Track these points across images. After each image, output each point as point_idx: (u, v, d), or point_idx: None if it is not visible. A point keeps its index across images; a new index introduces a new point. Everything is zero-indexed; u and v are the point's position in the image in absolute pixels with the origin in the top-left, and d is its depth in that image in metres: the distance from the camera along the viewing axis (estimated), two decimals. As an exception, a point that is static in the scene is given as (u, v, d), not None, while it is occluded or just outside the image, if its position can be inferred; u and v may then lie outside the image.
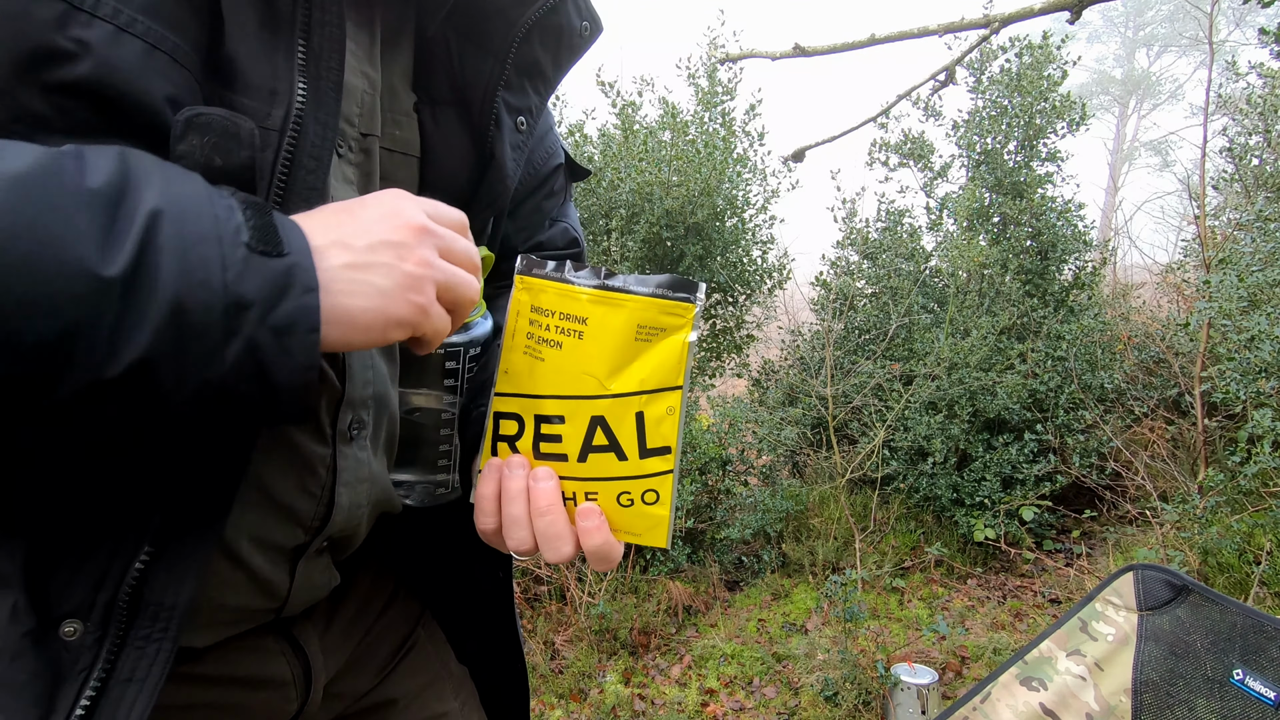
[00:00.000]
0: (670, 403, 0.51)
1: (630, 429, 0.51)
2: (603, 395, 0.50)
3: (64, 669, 0.42)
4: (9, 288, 0.33)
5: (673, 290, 0.50)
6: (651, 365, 0.50)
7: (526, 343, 0.52)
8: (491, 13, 0.63)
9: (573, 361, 0.51)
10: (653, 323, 0.50)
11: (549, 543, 0.51)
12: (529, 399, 0.52)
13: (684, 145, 4.14)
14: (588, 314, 0.50)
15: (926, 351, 4.09)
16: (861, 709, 2.53)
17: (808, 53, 3.21)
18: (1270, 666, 0.95)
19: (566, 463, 0.52)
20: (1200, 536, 2.83)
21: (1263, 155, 4.16)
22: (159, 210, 0.37)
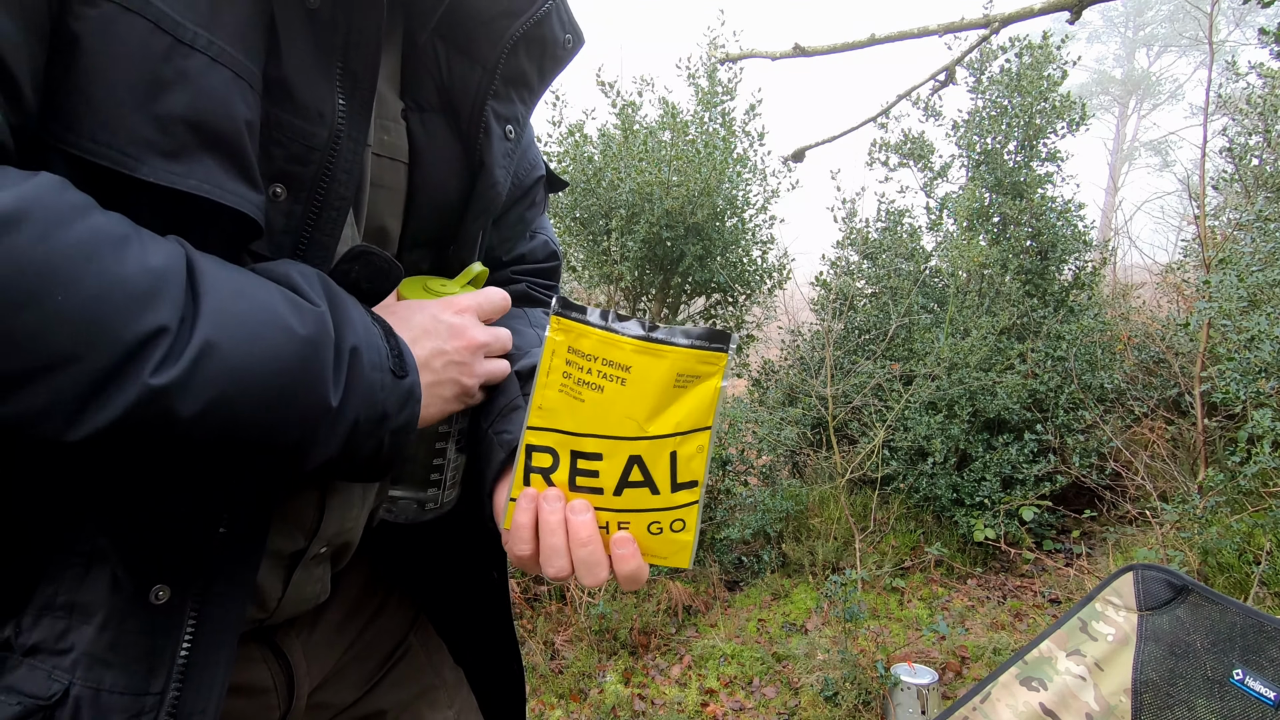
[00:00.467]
0: (701, 442, 0.55)
1: (665, 467, 0.55)
2: (642, 437, 0.54)
3: (159, 628, 0.48)
4: (274, 411, 0.44)
5: (710, 341, 0.54)
6: (687, 409, 0.55)
7: (563, 382, 0.55)
8: (480, 23, 0.64)
9: (614, 405, 0.54)
10: (690, 371, 0.54)
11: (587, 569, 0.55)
12: (566, 435, 0.55)
13: (684, 145, 4.14)
14: (631, 362, 0.54)
15: (926, 351, 4.09)
16: (861, 709, 2.53)
17: (808, 53, 3.20)
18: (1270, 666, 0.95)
19: (602, 495, 0.56)
20: (1200, 536, 2.83)
21: (1263, 155, 4.16)
22: (356, 347, 0.49)
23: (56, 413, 0.37)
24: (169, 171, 0.43)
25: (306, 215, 0.52)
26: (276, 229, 0.51)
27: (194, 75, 0.44)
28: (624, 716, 2.69)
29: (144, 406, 0.38)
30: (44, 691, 0.45)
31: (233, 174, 0.46)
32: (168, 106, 0.43)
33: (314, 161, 0.52)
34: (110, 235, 0.39)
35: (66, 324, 0.36)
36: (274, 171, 0.50)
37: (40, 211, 0.37)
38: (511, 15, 0.65)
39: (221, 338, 0.41)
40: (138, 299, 0.38)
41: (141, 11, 0.42)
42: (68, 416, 0.37)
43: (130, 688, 0.47)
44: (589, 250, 4.43)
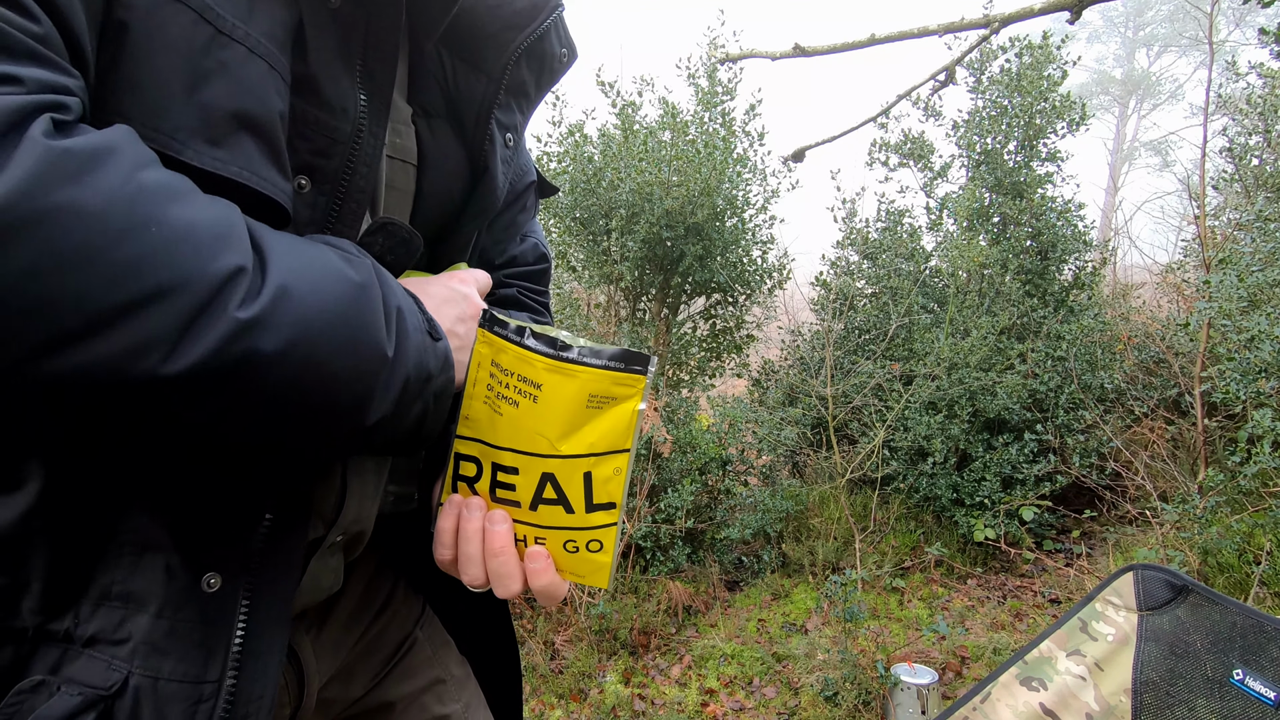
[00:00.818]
0: (618, 464, 0.55)
1: (578, 486, 0.55)
2: (553, 455, 0.54)
3: (213, 616, 0.49)
4: (341, 357, 0.44)
5: (626, 364, 0.53)
6: (601, 430, 0.54)
7: (487, 394, 0.56)
8: (486, 35, 0.67)
9: (527, 421, 0.54)
10: (604, 392, 0.53)
11: (499, 580, 0.57)
12: (487, 446, 0.57)
13: (684, 145, 4.14)
14: (543, 380, 0.54)
15: (926, 351, 4.09)
16: (861, 709, 2.53)
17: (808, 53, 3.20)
18: (1270, 666, 0.95)
19: (519, 509, 0.57)
20: (1200, 536, 2.82)
21: (1263, 155, 4.16)
22: (400, 307, 0.50)
23: (154, 348, 0.37)
24: (212, 157, 0.44)
25: (330, 207, 0.54)
26: (301, 220, 0.53)
27: (233, 66, 0.45)
28: (624, 716, 2.69)
29: (231, 342, 0.39)
30: (104, 682, 0.45)
31: (268, 162, 0.48)
32: (210, 95, 0.44)
33: (337, 154, 0.54)
34: (182, 183, 0.41)
35: (162, 256, 0.37)
36: (299, 164, 0.52)
37: (129, 150, 0.38)
38: (515, 29, 0.68)
39: (292, 281, 0.42)
40: (217, 239, 0.40)
41: (188, 2, 0.44)
42: (164, 351, 0.37)
43: (188, 675, 0.47)
44: (589, 250, 4.43)
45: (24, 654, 0.45)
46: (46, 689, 0.44)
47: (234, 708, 0.48)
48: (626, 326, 4.37)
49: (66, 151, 0.35)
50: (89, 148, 0.36)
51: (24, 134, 0.34)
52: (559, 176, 4.22)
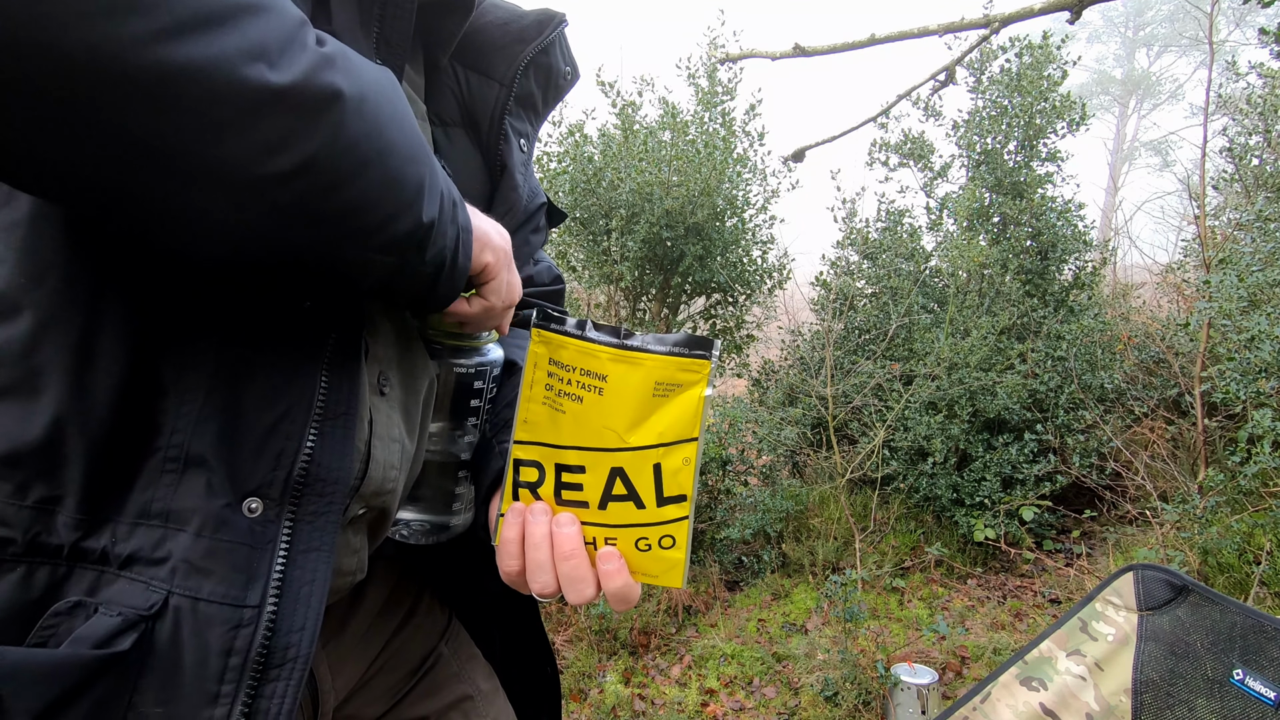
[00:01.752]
0: (686, 454, 0.53)
1: (648, 479, 0.53)
2: (622, 448, 0.53)
3: (254, 540, 0.48)
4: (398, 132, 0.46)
5: (689, 348, 0.52)
6: (669, 419, 0.53)
7: (545, 394, 0.55)
8: (495, 48, 0.73)
9: (593, 415, 0.53)
10: (670, 379, 0.52)
11: (572, 585, 0.54)
12: (550, 448, 0.55)
13: (684, 145, 4.14)
14: (607, 371, 0.52)
15: (926, 351, 4.09)
16: (861, 709, 2.53)
17: (808, 53, 3.20)
18: (1270, 666, 0.95)
19: (588, 509, 0.55)
20: (1200, 536, 2.82)
21: (1263, 155, 4.16)
22: (447, 186, 0.52)
23: (262, 54, 0.38)
24: None
25: None
26: None
27: None
28: (624, 716, 2.69)
29: (318, 70, 0.41)
30: (143, 603, 0.45)
31: None
32: None
33: None
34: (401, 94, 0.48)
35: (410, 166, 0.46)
36: None
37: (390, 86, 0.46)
38: (523, 41, 0.73)
39: (341, 52, 0.44)
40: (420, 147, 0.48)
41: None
42: (272, 59, 0.39)
43: (228, 598, 0.46)
44: (589, 250, 4.43)
45: (60, 575, 0.45)
46: (84, 610, 0.44)
47: (274, 636, 0.47)
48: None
49: None
50: None
51: None
52: (559, 176, 4.22)
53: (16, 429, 0.45)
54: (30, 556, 0.44)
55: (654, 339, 0.52)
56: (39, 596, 0.44)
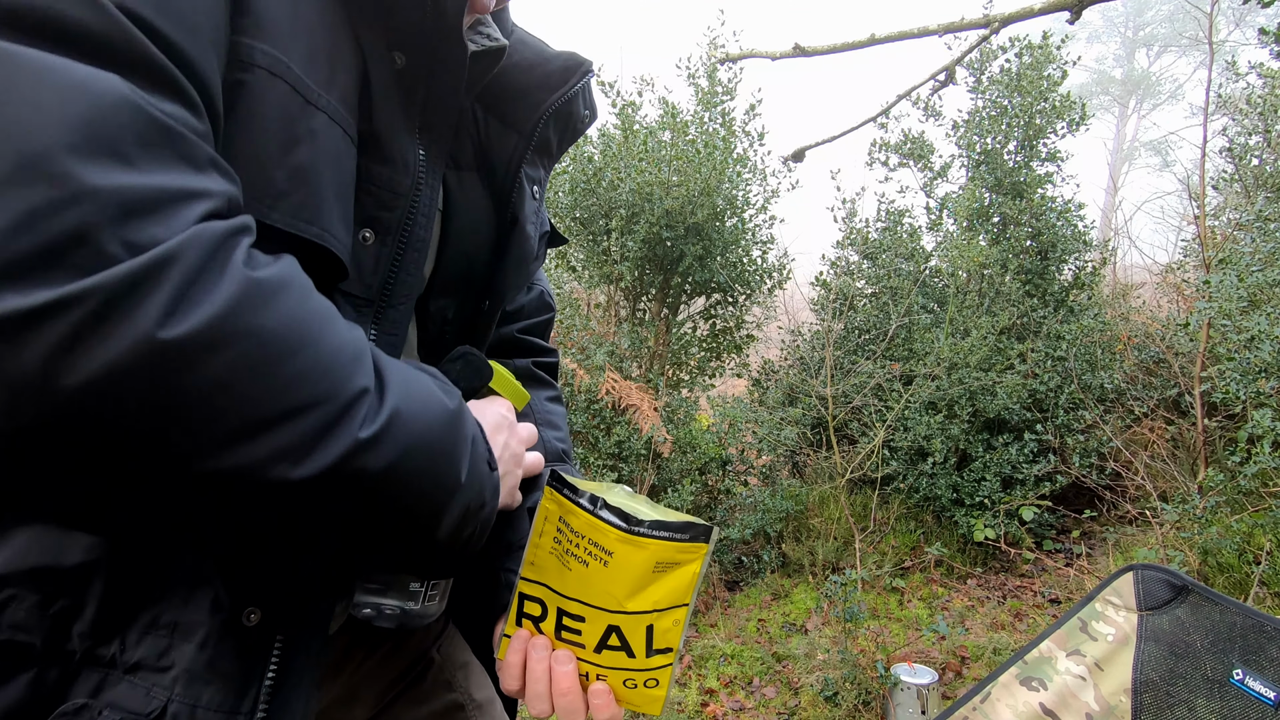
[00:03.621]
0: (677, 616, 0.59)
1: (641, 636, 0.59)
2: (620, 611, 0.59)
3: (250, 649, 0.50)
4: (428, 477, 0.48)
5: (691, 536, 0.57)
6: (665, 590, 0.58)
7: (554, 546, 0.61)
8: (519, 94, 0.71)
9: (597, 580, 0.59)
10: (670, 559, 0.58)
11: (566, 715, 0.61)
12: (554, 593, 0.61)
13: (684, 145, 4.14)
14: (614, 549, 0.58)
15: (926, 351, 4.09)
16: (861, 709, 2.53)
17: (808, 53, 3.20)
18: (1270, 666, 0.95)
19: (584, 650, 0.61)
20: (1200, 536, 2.82)
21: (1263, 155, 4.16)
22: (474, 436, 0.54)
23: (291, 455, 0.40)
24: (295, 219, 0.48)
25: (393, 258, 0.57)
26: (366, 270, 0.56)
27: (319, 132, 0.49)
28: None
29: (349, 458, 0.42)
30: (143, 708, 0.46)
31: (339, 221, 0.51)
32: (298, 159, 0.48)
33: (399, 207, 0.57)
34: (330, 308, 0.45)
35: (315, 373, 0.41)
36: (363, 217, 0.55)
37: (299, 280, 0.43)
38: (547, 90, 0.72)
39: (403, 405, 0.46)
40: (353, 360, 0.44)
41: (284, 76, 0.47)
42: (297, 459, 0.40)
43: (224, 706, 0.48)
44: (589, 250, 4.43)
45: (68, 676, 0.46)
46: (88, 712, 0.45)
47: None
48: (626, 326, 4.37)
49: (259, 282, 0.39)
50: (275, 279, 0.41)
51: (229, 262, 0.38)
52: (559, 176, 4.22)
53: (53, 551, 0.46)
54: (45, 660, 0.46)
55: (659, 525, 0.57)
56: (47, 695, 0.46)
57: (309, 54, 0.49)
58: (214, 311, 0.36)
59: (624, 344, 4.21)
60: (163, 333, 0.34)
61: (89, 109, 0.34)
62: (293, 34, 0.48)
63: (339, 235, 0.51)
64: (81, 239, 0.33)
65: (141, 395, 0.35)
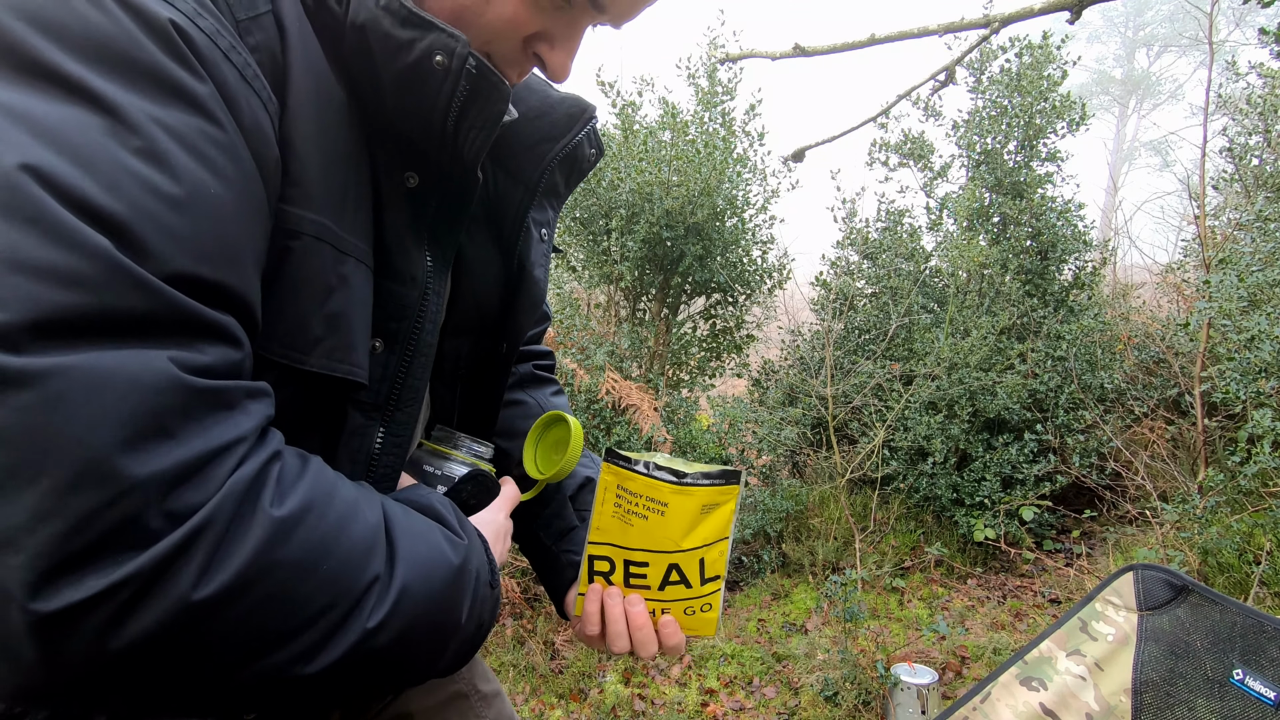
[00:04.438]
0: (722, 548, 0.73)
1: (695, 569, 0.73)
2: (678, 550, 0.72)
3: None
4: (430, 635, 0.50)
5: (726, 480, 0.71)
6: (711, 527, 0.72)
7: (615, 510, 0.72)
8: (525, 147, 0.73)
9: (656, 529, 0.71)
10: (712, 501, 0.71)
11: (643, 646, 0.72)
12: (619, 548, 0.73)
13: (684, 145, 4.14)
14: (668, 500, 0.70)
15: (926, 351, 4.08)
16: (861, 709, 2.53)
17: (808, 53, 3.20)
18: (1270, 666, 0.95)
19: (650, 590, 0.74)
20: (1200, 536, 2.82)
21: (1263, 155, 4.16)
22: (478, 570, 0.55)
23: (306, 656, 0.42)
24: (328, 359, 0.51)
25: (400, 364, 0.60)
26: (375, 378, 0.58)
27: (350, 277, 0.52)
28: (624, 716, 2.69)
29: (357, 647, 0.44)
30: None
31: (363, 348, 0.54)
32: (333, 307, 0.51)
33: (407, 317, 0.59)
34: (350, 502, 0.47)
35: (328, 584, 0.43)
36: (374, 329, 0.57)
37: (321, 492, 0.45)
38: (552, 140, 0.74)
39: (411, 579, 0.48)
40: (366, 553, 0.46)
41: (327, 239, 0.50)
42: (311, 659, 0.42)
43: None
44: (589, 250, 4.43)
45: None
46: None
47: None
48: (626, 326, 4.37)
49: (283, 521, 0.41)
50: (299, 510, 0.43)
51: (256, 509, 0.40)
52: (559, 176, 4.22)
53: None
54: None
55: (703, 475, 0.70)
56: None
57: (340, 202, 0.51)
58: (242, 563, 0.39)
59: (624, 344, 4.21)
60: (197, 594, 0.37)
61: (139, 402, 0.36)
62: (326, 189, 0.50)
63: (360, 363, 0.54)
64: (129, 525, 0.35)
65: (177, 644, 0.37)
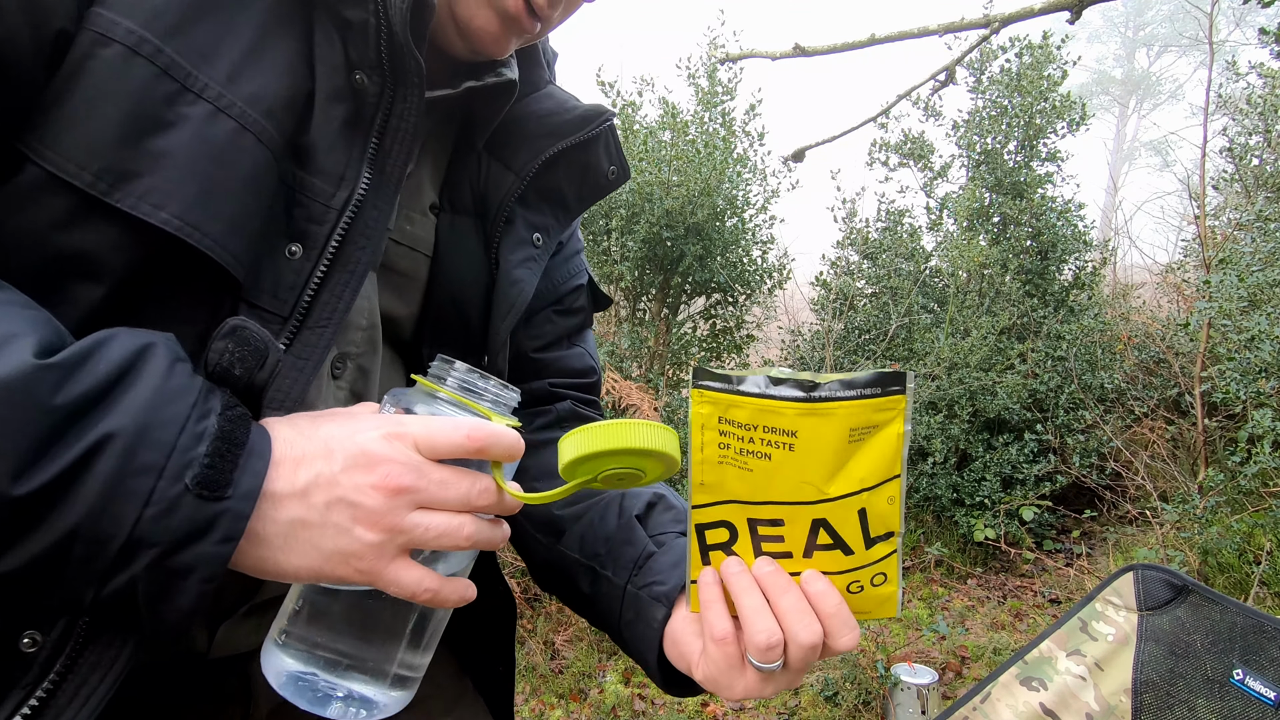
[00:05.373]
0: (891, 493, 0.51)
1: (854, 525, 0.51)
2: (823, 500, 0.50)
3: (12, 679, 0.41)
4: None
5: (883, 387, 0.49)
6: (869, 463, 0.50)
7: (722, 454, 0.51)
8: (525, 140, 0.69)
9: (786, 472, 0.50)
10: (866, 422, 0.49)
11: (799, 623, 0.51)
12: (740, 505, 0.52)
13: (684, 145, 4.14)
14: (796, 427, 0.49)
15: (926, 351, 4.09)
16: (861, 709, 2.53)
17: (808, 53, 3.20)
18: (1270, 666, 0.95)
19: (792, 559, 0.52)
20: (1200, 536, 2.82)
21: (1263, 155, 4.16)
22: (114, 433, 0.38)
23: None
24: (142, 201, 0.44)
25: (314, 273, 0.52)
26: (284, 285, 0.51)
27: (195, 120, 0.46)
28: (624, 716, 2.69)
29: None
30: None
31: (220, 221, 0.46)
32: (161, 144, 0.45)
33: (329, 221, 0.53)
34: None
35: None
36: (293, 231, 0.52)
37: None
38: (555, 136, 0.69)
39: None
40: None
41: (152, 58, 0.44)
42: None
43: None
44: (589, 250, 4.44)
45: None
46: None
47: None
48: (626, 326, 4.37)
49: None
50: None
51: None
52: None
53: None
54: None
55: (842, 385, 0.48)
56: None
57: (206, 46, 0.46)
58: None
59: (624, 344, 4.21)
60: None
61: None
62: (181, 21, 0.45)
63: (209, 231, 0.45)
64: None
65: None
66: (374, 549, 0.44)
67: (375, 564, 0.44)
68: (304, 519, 0.44)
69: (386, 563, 0.45)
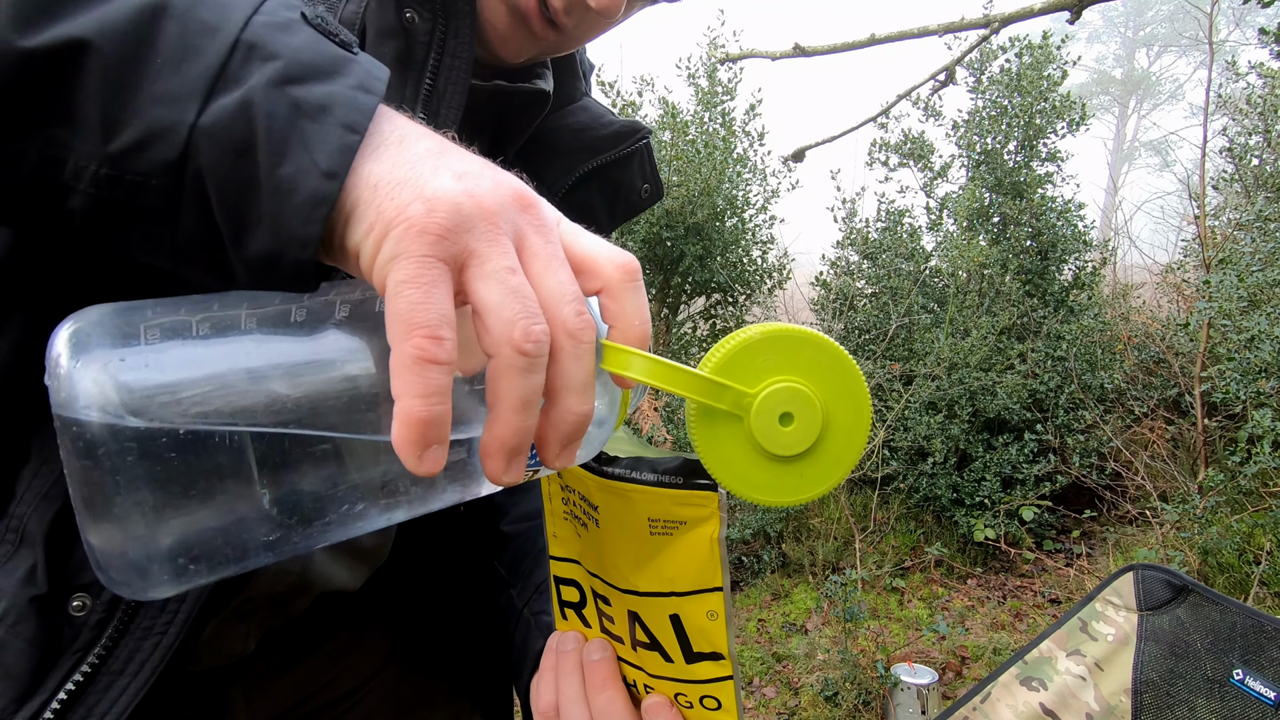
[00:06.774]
0: (711, 606, 0.43)
1: (668, 630, 0.44)
2: (632, 591, 0.44)
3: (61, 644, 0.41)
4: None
5: (686, 478, 0.40)
6: (678, 564, 0.42)
7: (564, 508, 0.47)
8: (559, 154, 0.67)
9: (599, 547, 0.45)
10: (666, 515, 0.42)
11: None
12: (582, 568, 0.48)
13: (684, 145, 4.14)
14: (598, 502, 0.44)
15: (926, 351, 4.09)
16: (861, 709, 2.53)
17: (808, 53, 3.20)
18: (1270, 666, 0.95)
19: (624, 646, 0.47)
20: (1200, 536, 2.82)
21: (1263, 155, 4.16)
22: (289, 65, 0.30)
23: None
24: None
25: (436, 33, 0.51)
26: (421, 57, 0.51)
27: None
28: None
29: None
30: None
31: None
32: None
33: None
34: None
35: None
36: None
37: None
38: (590, 152, 0.67)
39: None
40: None
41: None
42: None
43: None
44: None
45: None
46: None
47: None
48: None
49: None
50: None
51: None
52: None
53: None
54: None
55: (643, 464, 0.41)
56: None
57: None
58: None
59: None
60: None
61: None
62: None
63: None
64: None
65: None
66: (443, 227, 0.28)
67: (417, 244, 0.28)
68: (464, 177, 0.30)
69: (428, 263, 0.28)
